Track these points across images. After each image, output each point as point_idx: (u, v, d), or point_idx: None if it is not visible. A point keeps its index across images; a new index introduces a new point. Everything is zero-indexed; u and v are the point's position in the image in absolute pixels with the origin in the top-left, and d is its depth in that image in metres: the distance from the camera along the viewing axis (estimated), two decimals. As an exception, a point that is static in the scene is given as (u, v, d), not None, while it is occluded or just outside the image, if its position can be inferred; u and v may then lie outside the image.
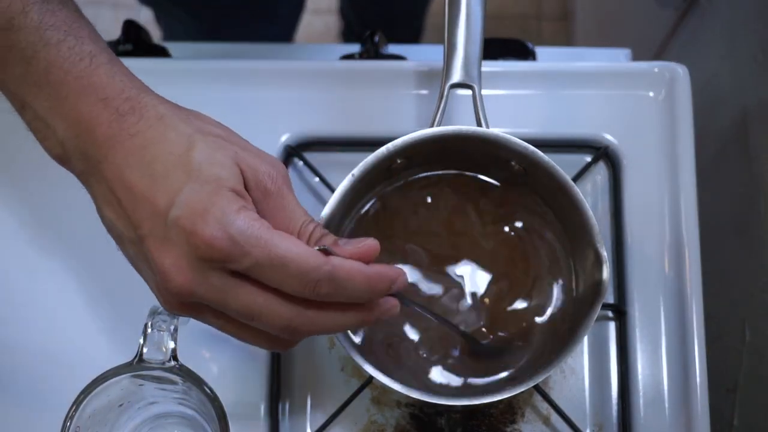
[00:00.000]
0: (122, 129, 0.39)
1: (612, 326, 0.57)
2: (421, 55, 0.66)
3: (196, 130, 0.40)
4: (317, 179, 0.59)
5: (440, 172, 0.55)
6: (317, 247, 0.39)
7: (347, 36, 1.39)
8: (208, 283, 0.38)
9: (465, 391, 0.51)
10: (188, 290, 0.38)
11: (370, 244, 0.41)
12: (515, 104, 0.60)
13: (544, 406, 0.56)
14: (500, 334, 0.53)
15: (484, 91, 0.53)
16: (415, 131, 0.51)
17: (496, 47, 0.67)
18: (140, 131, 0.39)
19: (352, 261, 0.40)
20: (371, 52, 0.68)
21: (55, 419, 0.46)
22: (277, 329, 0.40)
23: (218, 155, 0.39)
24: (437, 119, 0.52)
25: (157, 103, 0.40)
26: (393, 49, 0.71)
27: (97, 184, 0.40)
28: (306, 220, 0.42)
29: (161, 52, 0.69)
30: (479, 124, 0.52)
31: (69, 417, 0.45)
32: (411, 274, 0.53)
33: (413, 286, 0.53)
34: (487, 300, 0.53)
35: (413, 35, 1.25)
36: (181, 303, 0.40)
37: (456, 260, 0.54)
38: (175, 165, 0.38)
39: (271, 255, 0.37)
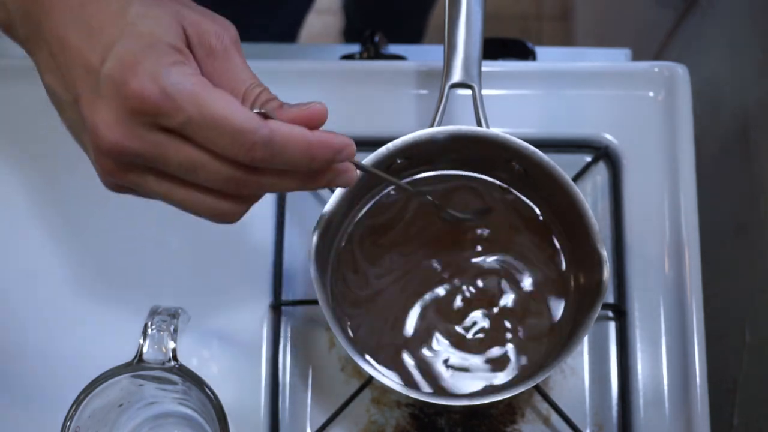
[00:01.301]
0: None
1: (612, 326, 0.57)
2: (421, 55, 0.66)
3: None
4: (317, 179, 0.59)
5: (440, 172, 0.55)
6: (257, 110, 0.37)
7: (348, 34, 1.39)
8: (141, 138, 0.36)
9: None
10: (121, 146, 0.36)
11: (315, 107, 0.39)
12: (515, 104, 0.60)
13: (544, 406, 0.56)
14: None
15: (484, 91, 0.53)
16: (415, 131, 0.51)
17: (496, 47, 0.67)
18: None
19: (294, 126, 0.37)
20: (371, 52, 0.68)
21: (55, 419, 0.46)
22: (221, 182, 0.38)
23: (155, 11, 0.38)
24: (437, 119, 0.52)
25: None
26: (393, 49, 0.71)
27: (39, 50, 0.39)
28: (253, 83, 0.40)
29: (161, 52, 0.68)
30: (479, 124, 0.52)
31: (69, 417, 0.45)
32: (409, 270, 0.53)
33: (414, 280, 0.53)
34: (485, 299, 0.53)
35: (415, 35, 1.26)
36: (117, 166, 0.38)
37: (455, 259, 0.54)
38: (109, 21, 0.37)
39: (205, 113, 0.36)
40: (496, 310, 0.53)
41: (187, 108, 0.36)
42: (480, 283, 0.53)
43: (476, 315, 0.53)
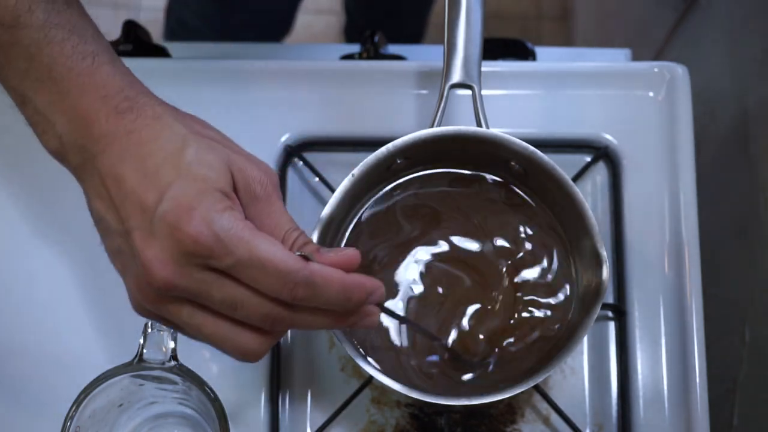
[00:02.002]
0: (119, 126, 0.40)
1: (612, 326, 0.57)
2: (421, 55, 0.66)
3: (190, 131, 0.41)
4: (317, 179, 0.59)
5: (440, 172, 0.55)
6: (298, 253, 0.40)
7: (349, 32, 1.39)
8: (190, 276, 0.39)
9: (463, 388, 0.51)
10: (170, 282, 0.39)
11: (350, 253, 0.42)
12: (515, 104, 0.60)
13: (544, 406, 0.56)
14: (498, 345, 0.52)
15: (484, 91, 0.53)
16: (415, 131, 0.51)
17: (496, 47, 0.67)
18: (136, 129, 0.40)
19: (331, 268, 0.40)
20: (371, 52, 0.68)
21: (55, 419, 0.46)
22: (258, 318, 0.40)
23: (209, 156, 0.40)
24: (437, 119, 0.52)
25: (155, 103, 0.41)
26: (393, 49, 0.71)
27: (90, 178, 0.41)
28: (291, 227, 0.42)
29: (161, 52, 0.69)
30: (479, 124, 0.52)
31: (69, 417, 0.45)
32: (410, 273, 0.53)
33: (411, 286, 0.53)
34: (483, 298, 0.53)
35: (416, 33, 1.26)
36: (159, 298, 0.40)
37: (455, 259, 0.54)
38: (166, 162, 0.39)
39: (253, 255, 0.38)
40: (496, 309, 0.53)
41: (237, 252, 0.38)
42: (480, 283, 0.53)
43: (476, 315, 0.53)
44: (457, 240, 0.54)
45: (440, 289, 0.53)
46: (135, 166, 0.39)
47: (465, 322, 0.52)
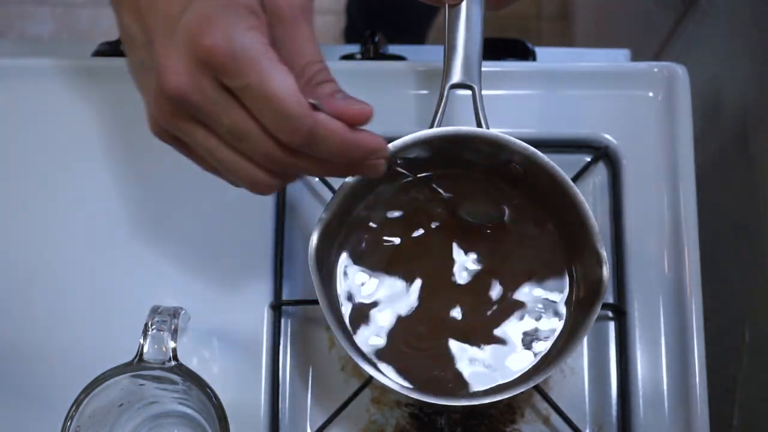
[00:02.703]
0: None
1: (612, 326, 0.57)
2: (421, 55, 0.66)
3: None
4: (317, 179, 0.59)
5: (440, 172, 0.55)
6: (310, 101, 0.39)
7: (349, 34, 1.39)
8: (202, 90, 0.38)
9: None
10: (183, 92, 0.38)
11: (361, 107, 0.41)
12: (515, 104, 0.60)
13: (543, 406, 0.56)
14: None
15: (484, 91, 0.53)
16: (415, 131, 0.51)
17: (496, 47, 0.67)
18: None
19: (336, 122, 0.39)
20: (371, 52, 0.68)
21: (55, 419, 0.46)
22: (262, 155, 0.40)
23: None
24: (437, 119, 0.52)
25: None
26: (393, 49, 0.71)
27: None
28: (313, 59, 0.41)
29: (161, 52, 0.68)
30: (479, 125, 0.52)
31: (69, 417, 0.45)
32: (410, 270, 0.53)
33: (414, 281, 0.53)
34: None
35: (417, 39, 1.25)
36: (174, 111, 0.39)
37: (454, 257, 0.54)
38: None
39: (262, 84, 0.37)
40: (495, 309, 0.53)
41: (250, 74, 0.37)
42: (480, 282, 0.53)
43: (475, 314, 0.53)
44: (457, 240, 0.54)
45: (436, 290, 0.53)
46: None
47: (452, 319, 0.52)
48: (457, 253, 0.54)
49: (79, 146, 0.60)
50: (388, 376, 0.49)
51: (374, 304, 0.53)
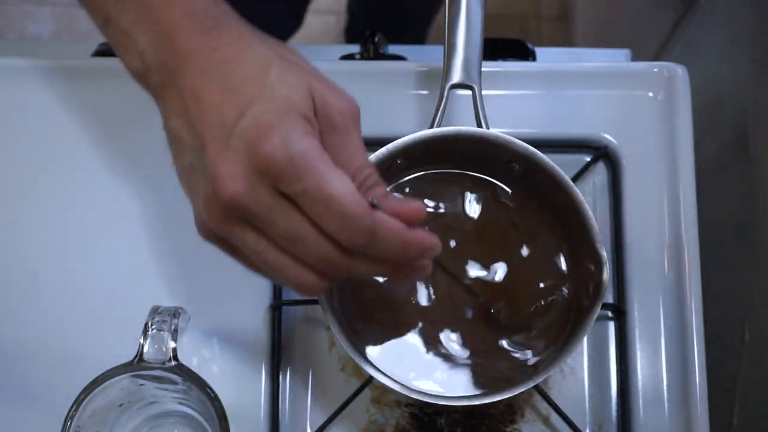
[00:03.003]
0: (203, 43, 0.40)
1: (612, 326, 0.57)
2: (421, 55, 0.66)
3: (275, 54, 0.40)
4: (317, 179, 0.59)
5: (440, 172, 0.55)
6: (368, 199, 0.39)
7: (350, 34, 1.39)
8: (258, 196, 0.38)
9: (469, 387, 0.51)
10: (238, 198, 0.38)
11: (417, 206, 0.41)
12: (515, 104, 0.60)
13: (543, 406, 0.56)
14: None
15: (484, 91, 0.53)
16: (415, 131, 0.51)
17: (496, 47, 0.67)
18: (221, 46, 0.40)
19: (394, 221, 0.40)
20: (371, 52, 0.68)
21: (55, 419, 0.46)
22: (315, 259, 0.40)
23: (293, 79, 0.40)
24: (437, 119, 0.52)
25: (240, 24, 0.41)
26: (393, 49, 0.71)
27: (169, 95, 0.41)
28: (364, 164, 0.42)
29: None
30: (479, 125, 0.52)
31: (69, 417, 0.45)
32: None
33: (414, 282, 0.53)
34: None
35: (417, 39, 1.25)
36: (226, 217, 0.40)
37: (454, 257, 0.54)
38: (248, 80, 0.39)
39: (322, 187, 0.38)
40: (496, 309, 0.53)
41: (308, 180, 0.38)
42: (480, 281, 0.53)
43: (475, 314, 0.53)
44: (456, 240, 0.54)
45: (439, 294, 0.53)
46: (217, 82, 0.39)
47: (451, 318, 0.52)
48: (457, 252, 0.54)
49: (79, 146, 0.60)
50: (392, 377, 0.49)
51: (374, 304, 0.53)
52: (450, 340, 0.52)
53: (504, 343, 0.52)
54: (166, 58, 0.40)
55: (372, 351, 0.51)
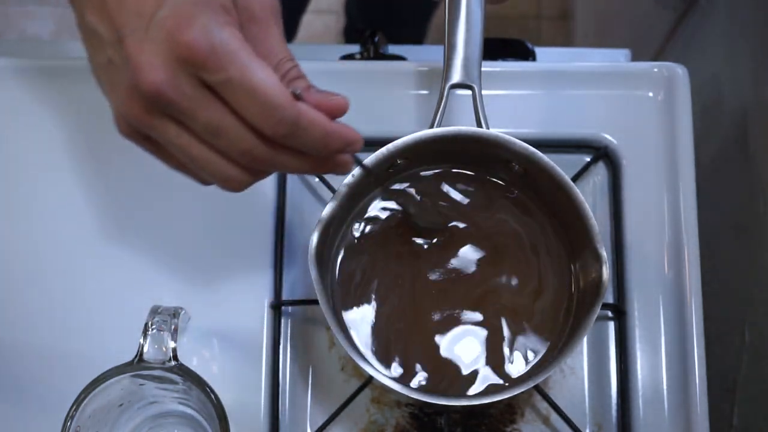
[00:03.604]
0: None
1: (612, 326, 0.57)
2: (421, 55, 0.66)
3: None
4: (317, 179, 0.59)
5: (440, 172, 0.55)
6: (290, 90, 0.39)
7: (348, 33, 1.39)
8: (179, 87, 0.38)
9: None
10: (158, 88, 0.38)
11: (340, 100, 0.41)
12: (515, 104, 0.60)
13: (543, 406, 0.56)
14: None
15: (484, 91, 0.53)
16: (415, 131, 0.51)
17: (496, 47, 0.67)
18: None
19: (317, 112, 0.40)
20: (371, 52, 0.68)
21: (55, 419, 0.46)
22: (238, 152, 0.40)
23: None
24: (437, 119, 0.52)
25: None
26: (393, 49, 0.71)
27: None
28: (285, 56, 0.41)
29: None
30: (479, 125, 0.52)
31: (69, 416, 0.45)
32: (408, 271, 0.53)
33: (413, 281, 0.53)
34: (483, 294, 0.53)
35: (416, 39, 1.26)
36: (146, 109, 0.39)
37: (454, 257, 0.54)
38: None
39: (245, 77, 0.37)
40: (496, 309, 0.53)
41: (230, 68, 0.37)
42: (480, 282, 0.53)
43: (475, 313, 0.53)
44: (456, 240, 0.54)
45: (435, 288, 0.53)
46: None
47: (452, 318, 0.52)
48: (458, 252, 0.54)
49: (80, 146, 0.60)
50: (389, 376, 0.49)
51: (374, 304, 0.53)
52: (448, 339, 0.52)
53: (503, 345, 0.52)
54: None
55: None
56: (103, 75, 0.41)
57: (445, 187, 0.55)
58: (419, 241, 0.54)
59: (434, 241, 0.54)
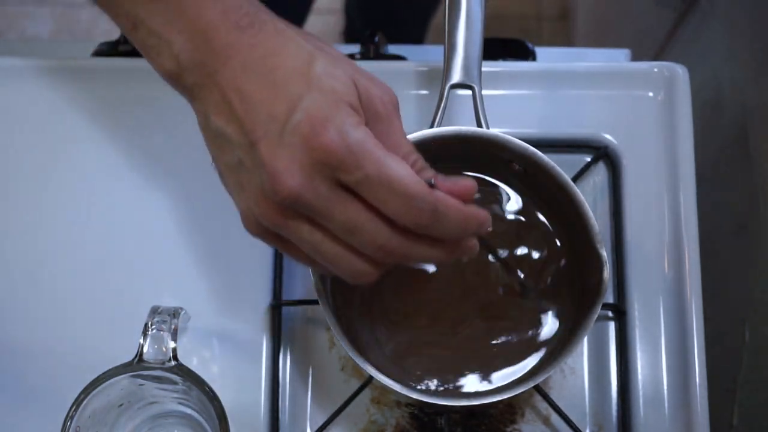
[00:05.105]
0: (241, 39, 0.40)
1: (612, 326, 0.57)
2: (421, 55, 0.66)
3: (315, 47, 0.40)
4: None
5: (440, 172, 0.55)
6: (426, 180, 0.40)
7: (348, 35, 1.39)
8: (316, 190, 0.38)
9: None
10: (297, 193, 0.38)
11: (469, 183, 0.42)
12: (515, 104, 0.60)
13: (544, 406, 0.56)
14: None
15: (484, 91, 0.53)
16: (415, 131, 0.51)
17: (496, 47, 0.67)
18: (260, 42, 0.40)
19: (452, 198, 0.40)
20: (371, 52, 0.68)
21: (55, 419, 0.46)
22: (373, 247, 0.40)
23: (337, 71, 0.40)
24: (437, 119, 0.52)
25: (276, 19, 0.41)
26: (393, 49, 0.71)
27: (208, 95, 0.40)
28: (409, 150, 0.42)
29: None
30: (479, 125, 0.52)
31: (69, 417, 0.45)
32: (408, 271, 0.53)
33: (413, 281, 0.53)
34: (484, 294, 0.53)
35: (415, 39, 1.26)
36: (281, 212, 0.40)
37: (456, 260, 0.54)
38: (294, 74, 0.39)
39: (382, 172, 0.38)
40: (496, 309, 0.53)
41: (367, 166, 0.38)
42: (480, 283, 0.53)
43: (475, 313, 0.53)
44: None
45: (435, 288, 0.53)
46: (261, 78, 0.39)
47: (452, 318, 0.52)
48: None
49: (79, 146, 0.60)
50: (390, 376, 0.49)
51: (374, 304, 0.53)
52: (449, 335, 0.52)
53: (496, 344, 0.52)
54: (203, 58, 0.40)
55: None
56: (232, 176, 0.41)
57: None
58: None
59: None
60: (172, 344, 0.46)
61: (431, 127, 0.52)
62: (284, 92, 0.39)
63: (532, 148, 0.51)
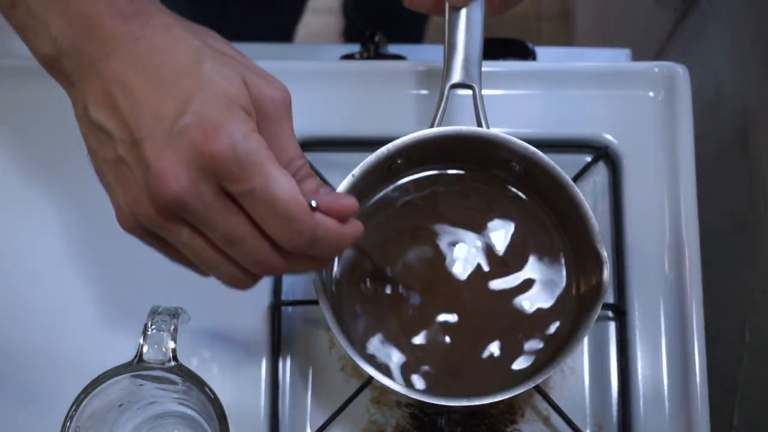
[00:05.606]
0: (126, 31, 0.38)
1: (612, 326, 0.57)
2: (421, 55, 0.66)
3: (204, 45, 0.39)
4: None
5: (440, 172, 0.55)
6: (308, 202, 0.39)
7: (348, 35, 1.39)
8: (201, 196, 0.38)
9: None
10: (180, 198, 0.37)
11: (349, 203, 0.41)
12: (515, 104, 0.60)
13: (544, 406, 0.56)
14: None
15: (484, 91, 0.53)
16: (415, 131, 0.51)
17: (496, 47, 0.67)
18: (146, 36, 0.38)
19: (332, 220, 0.40)
20: (371, 52, 0.68)
21: (55, 419, 0.46)
22: (251, 261, 0.40)
23: (227, 71, 0.39)
24: (437, 119, 0.52)
25: (163, 12, 0.40)
26: (393, 49, 0.71)
27: (89, 84, 0.39)
28: (296, 155, 0.42)
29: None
30: (479, 124, 0.52)
31: (69, 417, 0.45)
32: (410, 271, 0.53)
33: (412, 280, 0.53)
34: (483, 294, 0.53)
35: (414, 38, 1.26)
36: (161, 213, 0.39)
37: (455, 257, 0.54)
38: (183, 74, 0.38)
39: (267, 189, 0.37)
40: (495, 308, 0.53)
41: (253, 180, 0.37)
42: (479, 281, 0.53)
43: (476, 313, 0.53)
44: (455, 240, 0.54)
45: (435, 288, 0.53)
46: (147, 74, 0.38)
47: (453, 319, 0.52)
48: (457, 251, 0.54)
49: (79, 146, 0.59)
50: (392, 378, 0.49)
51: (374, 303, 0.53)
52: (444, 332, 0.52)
53: (495, 345, 0.52)
54: (84, 45, 0.39)
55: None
56: (110, 171, 0.40)
57: (445, 187, 0.55)
58: (420, 241, 0.54)
59: (437, 241, 0.54)
60: (171, 344, 0.46)
61: (431, 127, 0.52)
62: (173, 92, 0.37)
63: (532, 148, 0.51)
